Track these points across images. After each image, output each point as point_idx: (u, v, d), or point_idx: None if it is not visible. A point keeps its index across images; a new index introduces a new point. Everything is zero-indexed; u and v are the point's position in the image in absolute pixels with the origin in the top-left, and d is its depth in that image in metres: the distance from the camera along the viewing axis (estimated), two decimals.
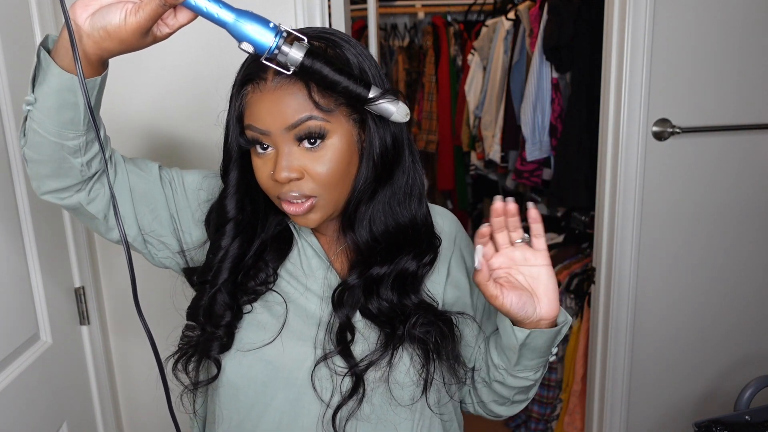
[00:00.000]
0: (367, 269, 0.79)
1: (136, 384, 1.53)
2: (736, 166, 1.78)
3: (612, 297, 1.79)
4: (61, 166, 0.74)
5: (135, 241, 0.84)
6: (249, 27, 0.65)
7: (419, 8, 3.38)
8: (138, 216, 0.82)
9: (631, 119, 1.66)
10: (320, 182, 0.74)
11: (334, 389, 0.78)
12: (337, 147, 0.73)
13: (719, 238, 1.82)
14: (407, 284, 0.80)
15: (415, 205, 0.82)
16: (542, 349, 0.79)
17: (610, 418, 1.88)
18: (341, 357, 0.78)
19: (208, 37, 1.34)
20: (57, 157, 0.73)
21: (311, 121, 0.71)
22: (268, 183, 0.75)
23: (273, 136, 0.72)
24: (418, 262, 0.81)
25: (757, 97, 1.74)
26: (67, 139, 0.71)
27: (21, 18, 1.15)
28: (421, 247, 0.82)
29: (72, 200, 0.78)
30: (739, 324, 1.89)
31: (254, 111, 0.73)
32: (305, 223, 0.77)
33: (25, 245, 1.14)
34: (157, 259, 0.87)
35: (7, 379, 1.06)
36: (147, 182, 0.83)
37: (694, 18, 1.64)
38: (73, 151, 0.73)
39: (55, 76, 0.67)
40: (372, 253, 0.80)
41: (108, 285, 1.46)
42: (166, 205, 0.84)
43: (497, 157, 2.61)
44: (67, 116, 0.70)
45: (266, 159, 0.75)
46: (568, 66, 2.19)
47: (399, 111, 0.70)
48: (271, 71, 0.72)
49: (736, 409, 1.40)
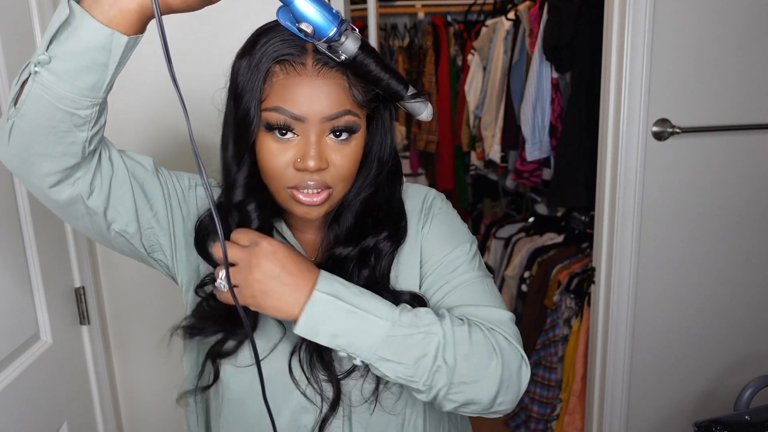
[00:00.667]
0: (333, 252, 0.79)
1: (136, 384, 1.54)
2: (737, 166, 1.78)
3: (612, 297, 1.79)
4: (62, 140, 0.64)
5: (133, 239, 0.77)
6: (314, 8, 0.64)
7: (419, 8, 3.38)
8: (138, 210, 0.76)
9: (631, 119, 1.66)
10: (340, 175, 0.74)
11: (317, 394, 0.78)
12: (359, 144, 0.75)
13: (719, 238, 1.82)
14: (368, 262, 0.78)
15: (385, 193, 0.82)
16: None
17: (610, 418, 1.88)
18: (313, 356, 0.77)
19: (207, 38, 1.34)
20: (60, 129, 0.63)
21: (348, 116, 0.71)
22: (285, 171, 0.72)
23: (307, 123, 0.70)
24: (376, 237, 0.79)
25: (757, 96, 1.74)
26: (81, 107, 0.63)
27: (21, 18, 1.15)
28: (382, 227, 0.80)
29: (72, 191, 0.69)
30: (739, 324, 1.89)
31: (289, 94, 0.69)
32: (311, 215, 0.74)
33: (25, 245, 1.14)
34: (150, 257, 0.82)
35: (7, 379, 1.06)
36: (144, 174, 0.77)
37: (694, 18, 1.64)
38: (83, 122, 0.64)
39: (90, 31, 0.59)
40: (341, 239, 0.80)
41: (108, 285, 1.46)
42: (163, 201, 0.79)
43: (497, 157, 2.61)
44: (90, 80, 0.61)
45: (287, 145, 0.71)
46: (568, 66, 2.19)
47: (427, 111, 0.73)
48: (310, 56, 0.69)
49: (736, 409, 1.40)
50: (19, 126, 0.63)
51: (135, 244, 0.78)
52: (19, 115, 0.63)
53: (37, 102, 0.61)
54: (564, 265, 2.34)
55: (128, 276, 1.45)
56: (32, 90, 0.61)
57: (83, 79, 0.61)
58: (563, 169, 2.22)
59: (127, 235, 0.76)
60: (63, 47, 0.60)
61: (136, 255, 0.81)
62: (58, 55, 0.60)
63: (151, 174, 0.78)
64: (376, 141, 0.78)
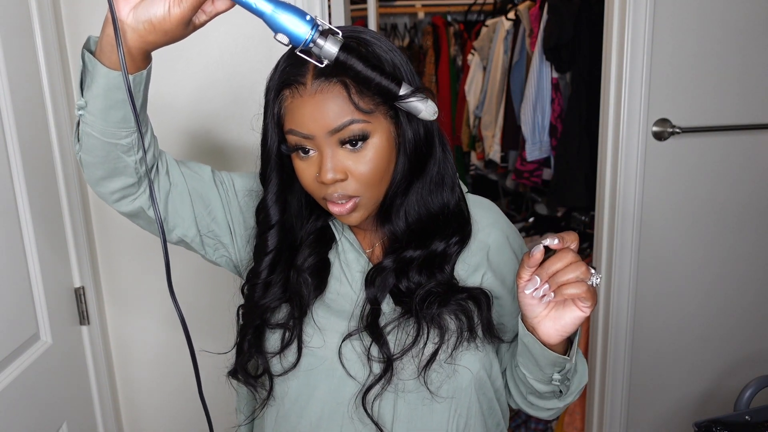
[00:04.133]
0: (400, 254, 0.81)
1: (136, 384, 1.54)
2: (737, 166, 1.78)
3: (612, 297, 1.79)
4: (116, 166, 0.75)
5: (193, 242, 0.86)
6: (285, 18, 0.65)
7: (419, 8, 3.38)
8: (197, 217, 0.85)
9: (631, 119, 1.66)
10: (363, 182, 0.75)
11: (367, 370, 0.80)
12: (378, 146, 0.75)
13: (719, 238, 1.82)
14: (435, 265, 0.81)
15: (447, 194, 0.83)
16: (536, 358, 0.77)
17: (610, 418, 1.88)
18: (369, 336, 0.80)
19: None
20: (112, 156, 0.74)
21: (353, 125, 0.72)
22: (313, 185, 0.77)
23: (316, 139, 0.73)
24: (446, 242, 0.82)
25: (757, 96, 1.74)
26: (120, 138, 0.73)
27: (21, 18, 1.15)
28: (450, 231, 0.83)
29: (134, 205, 0.80)
30: (739, 324, 1.89)
31: (296, 116, 0.73)
32: (348, 222, 0.79)
33: (25, 245, 1.14)
34: (212, 257, 0.90)
35: (7, 379, 1.06)
36: (202, 184, 0.86)
37: (694, 18, 1.64)
38: (127, 148, 0.74)
39: (103, 76, 0.68)
40: (406, 240, 0.82)
41: (108, 285, 1.46)
42: (221, 206, 0.87)
43: (497, 157, 2.61)
44: (118, 115, 0.71)
45: (310, 162, 0.76)
46: (568, 66, 2.19)
47: (427, 109, 0.71)
48: (310, 75, 0.72)
49: (736, 409, 1.40)
50: (84, 158, 0.76)
51: (195, 247, 0.87)
52: (82, 150, 0.75)
53: (88, 138, 0.73)
54: None
55: (128, 276, 1.45)
56: (82, 129, 0.73)
57: (113, 115, 0.71)
58: (563, 169, 2.22)
59: (187, 239, 0.86)
60: (89, 92, 0.70)
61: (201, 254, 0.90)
62: (89, 99, 0.70)
63: (209, 181, 0.86)
64: (401, 136, 0.77)
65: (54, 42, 1.24)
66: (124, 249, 1.44)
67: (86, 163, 0.76)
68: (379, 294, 0.81)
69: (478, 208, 0.90)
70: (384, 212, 0.82)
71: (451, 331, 0.80)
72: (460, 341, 0.80)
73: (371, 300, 0.81)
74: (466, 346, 0.81)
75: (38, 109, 1.20)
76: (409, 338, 0.79)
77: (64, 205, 1.28)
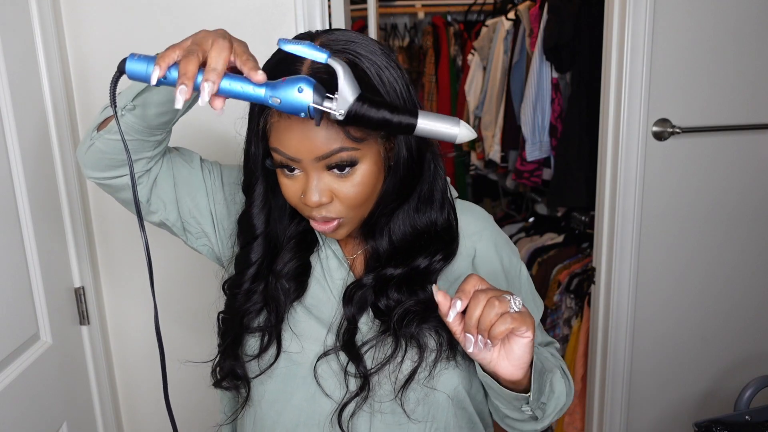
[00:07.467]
0: (380, 271, 0.80)
1: (136, 384, 1.54)
2: (737, 166, 1.78)
3: (612, 297, 1.79)
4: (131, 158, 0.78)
5: (174, 226, 0.88)
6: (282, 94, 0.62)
7: (419, 8, 3.38)
8: (179, 202, 0.86)
9: (631, 119, 1.66)
10: (348, 204, 0.73)
11: (344, 388, 0.79)
12: (366, 170, 0.72)
13: (719, 237, 1.82)
14: (416, 282, 0.80)
15: (436, 212, 0.81)
16: (499, 394, 0.76)
17: (610, 418, 1.88)
18: (346, 355, 0.78)
19: None
20: (132, 149, 0.77)
21: (342, 153, 0.69)
22: (298, 203, 0.75)
23: (303, 163, 0.71)
24: (430, 259, 0.81)
25: (757, 97, 1.74)
26: (154, 136, 0.78)
27: (21, 18, 1.16)
28: (435, 247, 0.81)
29: (120, 181, 0.82)
30: (739, 324, 1.89)
31: (282, 137, 0.70)
32: (332, 236, 0.78)
33: (25, 245, 1.14)
34: (194, 244, 0.91)
35: (7, 379, 1.06)
36: (189, 170, 0.87)
37: (694, 18, 1.64)
38: (155, 145, 0.80)
39: (168, 92, 0.72)
40: (389, 257, 0.80)
41: (108, 285, 1.46)
42: (205, 194, 0.87)
43: (497, 157, 2.61)
44: (164, 119, 0.76)
45: (295, 180, 0.74)
46: (568, 66, 2.19)
47: (462, 132, 0.64)
48: None
49: (736, 409, 1.40)
50: (98, 147, 0.79)
51: (177, 232, 0.89)
52: (101, 140, 0.78)
53: (115, 134, 0.76)
54: (564, 265, 2.34)
55: (128, 276, 1.45)
56: (113, 126, 0.76)
57: (160, 119, 0.76)
58: (563, 169, 2.22)
59: (168, 222, 0.87)
60: (143, 98, 0.74)
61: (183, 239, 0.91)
62: (141, 104, 0.74)
63: (196, 169, 0.88)
64: (393, 156, 0.75)
65: (54, 42, 1.24)
66: (124, 249, 1.43)
67: (97, 150, 0.79)
68: (357, 313, 0.80)
69: (469, 215, 0.88)
70: (368, 228, 0.80)
71: (430, 349, 0.79)
72: (440, 358, 0.79)
73: (348, 319, 0.80)
74: (445, 364, 0.79)
75: (38, 109, 1.20)
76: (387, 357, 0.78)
77: (64, 205, 1.28)
